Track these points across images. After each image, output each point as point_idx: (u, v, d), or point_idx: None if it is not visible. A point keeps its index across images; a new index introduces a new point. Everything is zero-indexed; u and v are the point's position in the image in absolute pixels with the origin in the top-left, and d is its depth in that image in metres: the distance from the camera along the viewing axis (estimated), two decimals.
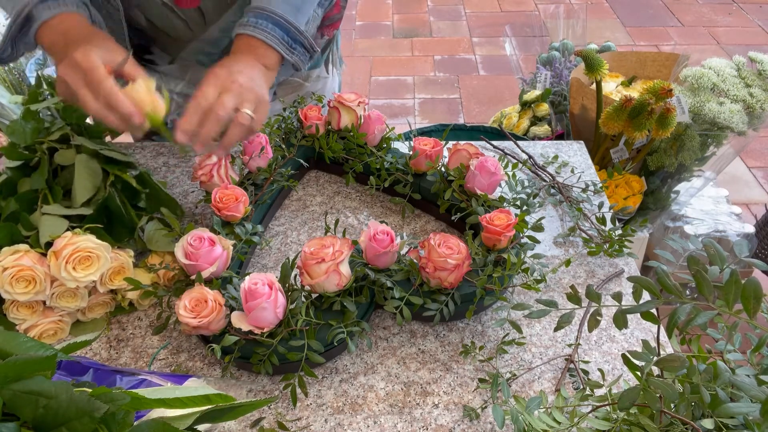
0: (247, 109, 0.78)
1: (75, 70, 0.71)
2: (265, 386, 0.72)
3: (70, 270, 0.70)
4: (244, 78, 0.79)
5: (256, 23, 0.84)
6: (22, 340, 0.49)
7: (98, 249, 0.72)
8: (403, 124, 2.89)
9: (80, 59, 0.71)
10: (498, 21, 4.05)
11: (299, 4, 0.87)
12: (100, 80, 0.70)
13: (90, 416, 0.41)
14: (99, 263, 0.72)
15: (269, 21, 0.84)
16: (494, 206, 0.84)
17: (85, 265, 0.72)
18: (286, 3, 0.86)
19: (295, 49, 0.87)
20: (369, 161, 0.96)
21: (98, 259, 0.72)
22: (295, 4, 0.86)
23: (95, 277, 0.72)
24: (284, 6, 0.85)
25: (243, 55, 0.83)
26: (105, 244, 0.73)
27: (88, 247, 0.71)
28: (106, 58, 0.73)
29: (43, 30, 0.77)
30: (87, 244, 0.71)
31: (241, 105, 0.78)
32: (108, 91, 0.70)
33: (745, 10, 4.08)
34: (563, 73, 1.82)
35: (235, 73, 0.79)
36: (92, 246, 0.72)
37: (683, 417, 0.50)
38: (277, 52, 0.85)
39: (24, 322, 0.74)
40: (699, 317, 0.48)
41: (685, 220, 1.74)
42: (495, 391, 0.65)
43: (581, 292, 0.76)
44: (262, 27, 0.84)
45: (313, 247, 0.71)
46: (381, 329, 0.78)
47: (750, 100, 1.45)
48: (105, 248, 0.73)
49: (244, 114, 0.77)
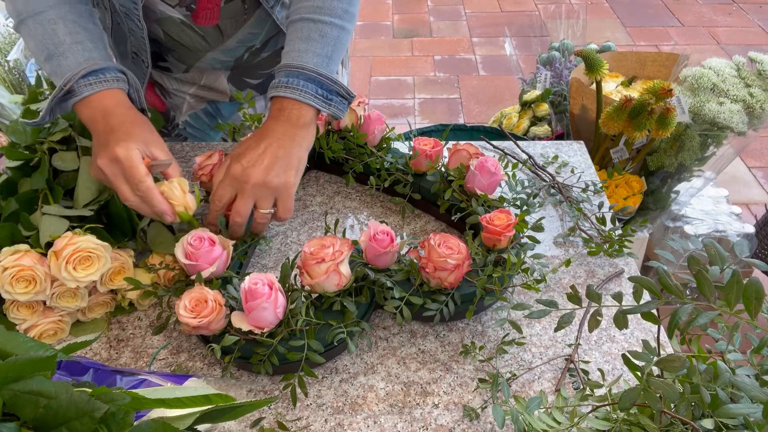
0: (264, 208, 0.79)
1: (115, 165, 0.73)
2: (265, 386, 0.72)
3: (71, 270, 0.70)
4: (259, 171, 0.77)
5: (288, 82, 0.81)
6: (22, 340, 0.49)
7: (98, 249, 0.72)
8: (403, 124, 2.89)
9: (122, 156, 0.73)
10: (498, 21, 4.05)
11: (330, 52, 0.84)
12: (140, 180, 0.73)
13: (90, 416, 0.41)
14: (99, 263, 0.72)
15: (301, 78, 0.81)
16: (494, 206, 0.84)
17: (86, 265, 0.72)
18: (317, 55, 0.83)
19: (332, 101, 0.84)
20: (369, 161, 0.96)
21: (99, 260, 0.72)
22: (325, 54, 0.84)
23: (95, 277, 0.72)
24: (315, 59, 0.82)
25: (273, 125, 0.81)
26: (105, 244, 0.73)
27: (88, 247, 0.71)
28: (145, 152, 0.76)
29: (82, 104, 0.78)
30: (87, 245, 0.71)
31: (258, 205, 0.79)
32: (145, 191, 0.73)
33: (745, 10, 4.08)
34: (563, 73, 1.82)
35: (249, 169, 0.77)
36: (93, 246, 0.72)
37: (683, 417, 0.50)
38: (314, 107, 0.82)
39: (24, 322, 0.74)
40: (700, 317, 0.48)
41: (685, 220, 1.74)
42: (495, 391, 0.65)
43: (581, 292, 0.76)
44: (294, 85, 0.81)
45: (313, 247, 0.71)
46: (381, 329, 0.78)
47: (750, 100, 1.45)
48: (105, 248, 0.73)
49: (261, 213, 0.79)
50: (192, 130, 1.17)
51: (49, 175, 0.81)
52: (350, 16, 0.87)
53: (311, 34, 0.83)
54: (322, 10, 0.84)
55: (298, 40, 0.84)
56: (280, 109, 0.81)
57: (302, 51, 0.83)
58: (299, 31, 0.84)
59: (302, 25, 0.84)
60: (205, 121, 1.16)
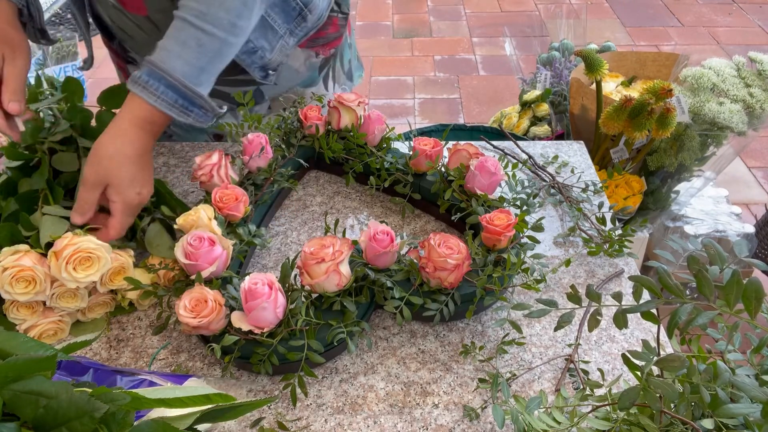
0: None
1: None
2: (265, 386, 0.72)
3: (71, 270, 0.70)
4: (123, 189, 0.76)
5: (147, 82, 0.76)
6: (22, 340, 0.49)
7: (99, 250, 0.72)
8: (403, 124, 2.89)
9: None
10: (498, 21, 4.04)
11: (204, 64, 0.79)
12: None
13: (90, 416, 0.41)
14: (99, 264, 0.72)
15: (162, 82, 0.76)
16: (494, 206, 0.84)
17: (86, 265, 0.72)
18: (188, 64, 0.77)
19: (191, 112, 0.79)
20: (369, 161, 0.96)
21: (99, 260, 0.72)
22: (198, 66, 0.78)
23: (95, 277, 0.72)
24: (185, 68, 0.77)
25: (122, 126, 0.77)
26: (105, 245, 0.73)
27: (88, 247, 0.71)
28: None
29: None
30: (88, 245, 0.71)
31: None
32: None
33: (745, 10, 4.08)
34: (563, 73, 1.82)
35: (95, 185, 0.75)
36: (93, 247, 0.72)
37: (683, 417, 0.50)
38: (167, 114, 0.78)
39: (24, 322, 0.74)
40: (700, 317, 0.48)
41: (685, 220, 1.74)
42: (495, 391, 0.65)
43: (581, 292, 0.76)
44: (152, 89, 0.76)
45: (313, 247, 0.71)
46: (381, 329, 0.78)
47: (750, 100, 1.45)
48: (105, 249, 0.73)
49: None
50: (176, 129, 1.17)
51: (49, 176, 0.81)
52: (238, 30, 0.80)
53: (188, 40, 0.77)
54: (205, 17, 0.77)
55: (174, 41, 0.78)
56: (134, 106, 0.77)
57: (174, 54, 0.77)
58: (178, 31, 0.78)
59: (182, 25, 0.78)
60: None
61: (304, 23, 1.00)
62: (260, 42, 0.97)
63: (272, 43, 0.98)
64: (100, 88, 0.88)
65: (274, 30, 0.97)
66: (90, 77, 3.10)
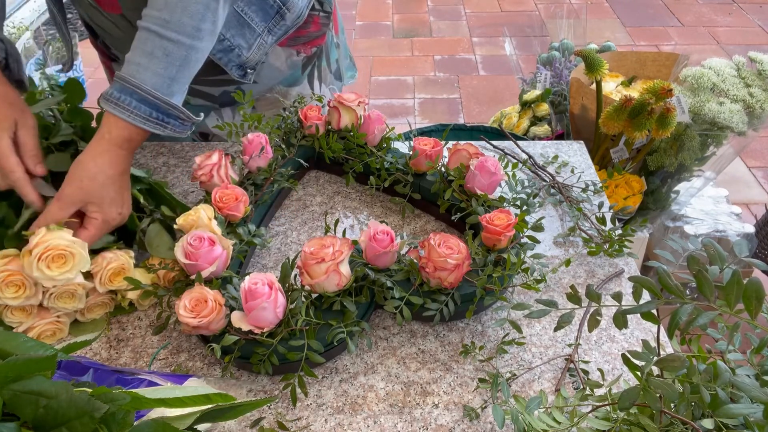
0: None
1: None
2: (265, 386, 0.72)
3: (44, 268, 0.68)
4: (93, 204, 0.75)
5: (120, 99, 0.75)
6: (22, 340, 0.49)
7: (72, 246, 0.70)
8: (403, 124, 2.89)
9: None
10: (498, 21, 4.04)
11: (173, 74, 0.77)
12: (11, 170, 0.74)
13: (90, 416, 0.41)
14: (74, 260, 0.70)
15: (135, 97, 0.75)
16: (494, 206, 0.84)
17: (60, 263, 0.70)
18: (157, 75, 0.76)
19: (168, 123, 0.79)
20: (369, 161, 0.96)
21: (73, 257, 0.70)
22: (168, 75, 0.77)
23: (72, 275, 0.70)
24: (154, 79, 0.76)
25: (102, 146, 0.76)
26: (79, 241, 0.71)
27: (59, 245, 0.69)
28: (14, 135, 0.76)
29: None
30: (59, 242, 0.69)
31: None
32: (16, 181, 0.75)
33: (745, 10, 4.08)
34: (563, 73, 1.82)
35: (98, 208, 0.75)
36: (65, 243, 0.70)
37: (683, 417, 0.50)
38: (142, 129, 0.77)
39: (20, 324, 0.74)
40: (700, 317, 0.48)
41: (685, 220, 1.74)
42: (495, 391, 0.65)
43: (581, 292, 0.76)
44: (125, 104, 0.75)
45: (313, 247, 0.71)
46: (381, 329, 0.78)
47: (750, 100, 1.45)
48: (80, 245, 0.71)
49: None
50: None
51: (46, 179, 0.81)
52: (203, 33, 0.79)
53: (155, 50, 0.76)
54: (169, 25, 0.76)
55: (140, 53, 0.77)
56: (110, 124, 0.76)
57: (143, 67, 0.76)
58: (143, 43, 0.77)
59: (147, 36, 0.77)
60: None
61: (283, 21, 1.00)
62: (237, 40, 0.97)
63: (249, 41, 0.98)
64: (101, 89, 0.88)
65: (251, 28, 0.97)
66: (90, 77, 3.10)
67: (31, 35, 2.62)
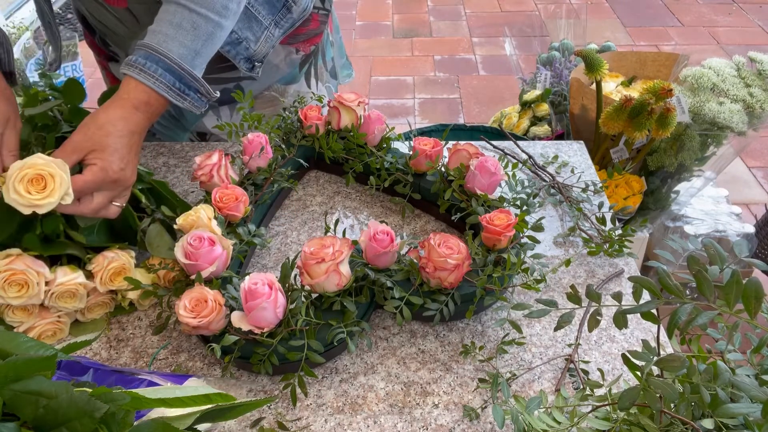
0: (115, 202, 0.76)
1: None
2: (265, 386, 0.72)
3: (21, 191, 0.65)
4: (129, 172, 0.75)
5: (145, 65, 0.76)
6: (22, 340, 0.49)
7: (49, 166, 0.66)
8: (403, 124, 2.89)
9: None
10: (498, 21, 4.04)
11: (199, 47, 0.79)
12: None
13: (90, 416, 0.41)
14: (55, 183, 0.66)
15: (160, 65, 0.76)
16: (494, 206, 0.84)
17: (39, 186, 0.66)
18: (184, 46, 0.78)
19: (188, 96, 0.80)
20: (369, 161, 0.96)
21: (53, 178, 0.67)
22: (193, 48, 0.79)
23: (54, 199, 0.66)
24: (181, 50, 0.77)
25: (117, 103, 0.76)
26: (58, 161, 0.68)
27: (36, 163, 0.66)
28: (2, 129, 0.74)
29: None
30: (34, 161, 0.66)
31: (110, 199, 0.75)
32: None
33: (745, 10, 4.08)
34: (563, 73, 1.82)
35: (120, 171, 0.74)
36: (41, 163, 0.66)
37: (683, 417, 0.50)
38: (165, 97, 0.78)
39: (21, 324, 0.74)
40: (700, 317, 0.48)
41: (685, 220, 1.74)
42: (495, 391, 0.65)
43: (581, 292, 0.76)
44: (150, 71, 0.76)
45: (313, 247, 0.71)
46: (381, 329, 0.78)
47: (750, 100, 1.45)
48: (60, 165, 0.67)
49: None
50: (159, 127, 1.17)
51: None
52: (229, 12, 0.82)
53: (183, 22, 0.78)
54: (198, 1, 0.78)
55: (167, 24, 0.78)
56: (131, 89, 0.76)
57: (170, 37, 0.77)
58: (171, 15, 0.78)
59: (176, 9, 0.78)
60: (171, 121, 1.16)
61: (289, 15, 1.00)
62: (245, 33, 0.97)
63: (257, 33, 0.98)
64: (101, 89, 0.88)
65: (258, 21, 0.97)
66: (90, 77, 3.10)
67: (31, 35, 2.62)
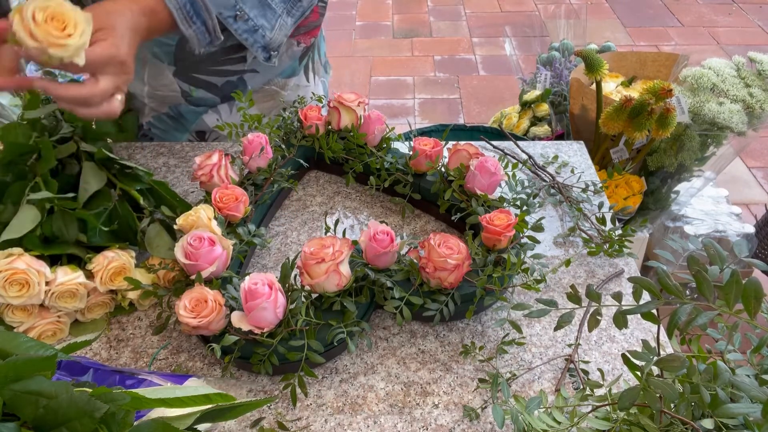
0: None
1: None
2: (265, 386, 0.72)
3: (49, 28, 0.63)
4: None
5: None
6: (22, 340, 0.49)
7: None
8: (403, 124, 2.89)
9: None
10: (498, 21, 4.05)
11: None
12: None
13: (90, 416, 0.41)
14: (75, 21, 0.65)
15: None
16: (494, 206, 0.84)
17: (59, 24, 0.64)
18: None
19: (194, 23, 0.79)
20: (369, 161, 0.96)
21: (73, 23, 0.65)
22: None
23: (82, 39, 0.64)
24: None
25: (127, 1, 0.74)
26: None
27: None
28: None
29: None
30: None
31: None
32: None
33: (745, 10, 4.08)
34: (563, 73, 1.82)
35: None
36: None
37: (683, 417, 0.50)
38: (172, 17, 0.76)
39: (21, 324, 0.74)
40: (700, 317, 0.48)
41: (685, 220, 1.74)
42: (495, 391, 0.65)
43: (581, 292, 0.76)
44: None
45: (313, 247, 0.71)
46: (381, 329, 0.78)
47: (750, 100, 1.45)
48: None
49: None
50: (157, 131, 1.17)
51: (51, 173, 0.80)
52: None
53: None
54: None
55: None
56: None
57: None
58: None
59: None
60: (169, 123, 1.15)
61: (300, 3, 1.00)
62: (260, 20, 0.96)
63: (271, 21, 0.98)
64: None
65: (272, 9, 0.97)
66: None
67: None
